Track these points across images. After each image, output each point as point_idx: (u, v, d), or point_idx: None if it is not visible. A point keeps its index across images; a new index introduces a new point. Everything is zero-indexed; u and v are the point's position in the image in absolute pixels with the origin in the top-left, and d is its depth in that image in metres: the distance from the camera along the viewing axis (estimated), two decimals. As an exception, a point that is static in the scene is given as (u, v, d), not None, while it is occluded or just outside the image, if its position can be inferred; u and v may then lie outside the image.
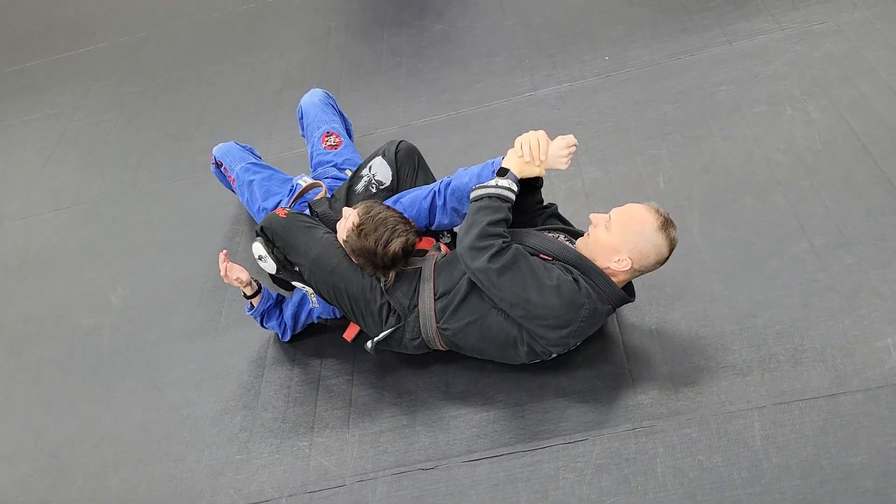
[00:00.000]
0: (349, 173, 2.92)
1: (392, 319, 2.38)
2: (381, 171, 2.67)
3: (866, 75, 2.98)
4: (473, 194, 2.27)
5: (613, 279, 2.22)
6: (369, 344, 2.41)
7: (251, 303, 2.65)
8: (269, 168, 3.03)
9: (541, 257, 2.23)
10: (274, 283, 2.65)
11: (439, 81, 3.76)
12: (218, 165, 3.12)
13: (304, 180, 2.91)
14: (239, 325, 2.85)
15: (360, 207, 2.44)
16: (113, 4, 5.43)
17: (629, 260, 2.16)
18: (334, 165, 3.00)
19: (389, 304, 2.37)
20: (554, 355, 2.31)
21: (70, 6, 5.59)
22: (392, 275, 2.37)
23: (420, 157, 2.72)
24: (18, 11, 5.75)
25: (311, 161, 3.10)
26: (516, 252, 2.15)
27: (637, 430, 2.19)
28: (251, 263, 2.97)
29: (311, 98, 3.21)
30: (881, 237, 2.44)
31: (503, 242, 2.16)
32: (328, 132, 3.07)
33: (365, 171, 2.68)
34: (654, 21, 3.65)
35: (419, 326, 2.35)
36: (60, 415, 2.80)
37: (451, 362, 2.49)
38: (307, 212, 2.71)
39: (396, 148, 2.67)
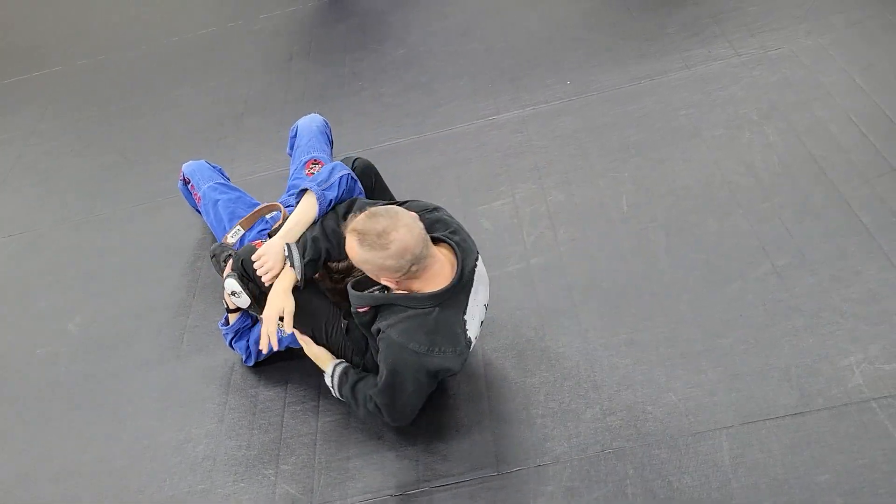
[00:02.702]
0: None
1: (357, 358, 2.38)
2: None
3: (822, 100, 3.06)
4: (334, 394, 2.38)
5: (415, 287, 2.14)
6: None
7: (227, 318, 2.60)
8: (237, 190, 2.99)
9: (358, 311, 2.21)
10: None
11: (402, 105, 3.76)
12: (185, 182, 3.08)
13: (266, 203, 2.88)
14: (201, 353, 2.79)
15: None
16: (70, 28, 5.35)
17: (388, 279, 2.11)
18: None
19: (352, 346, 2.37)
20: (477, 329, 2.27)
21: (25, 29, 5.50)
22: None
23: (377, 175, 2.66)
24: (-29, 35, 5.65)
25: (290, 180, 3.06)
26: (377, 399, 2.22)
27: (607, 451, 2.19)
28: (216, 288, 2.93)
29: (310, 123, 3.17)
30: (841, 257, 2.49)
31: (365, 396, 2.25)
32: (315, 160, 3.04)
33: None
34: (615, 47, 3.71)
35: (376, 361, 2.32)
36: (15, 449, 2.70)
37: (419, 387, 2.46)
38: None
39: (352, 164, 2.59)
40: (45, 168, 4.04)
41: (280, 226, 2.71)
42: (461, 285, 2.15)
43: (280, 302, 2.32)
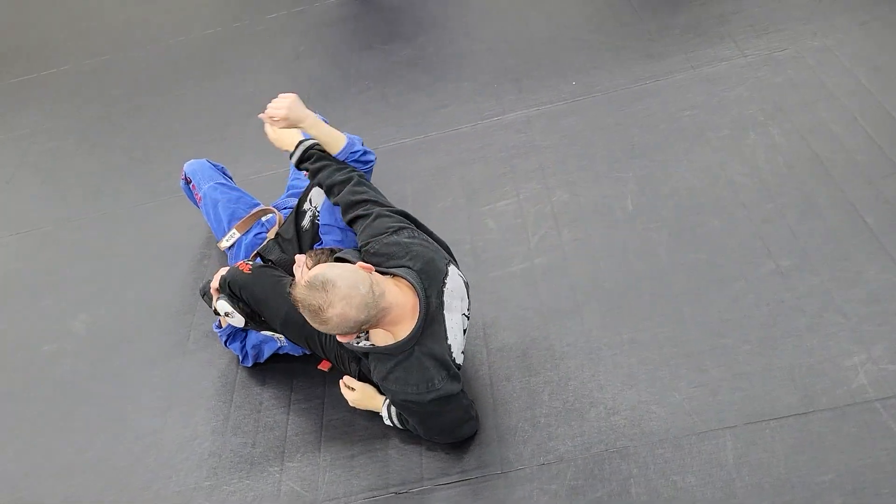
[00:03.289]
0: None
1: (353, 366, 2.38)
2: (320, 201, 2.64)
3: (827, 101, 3.06)
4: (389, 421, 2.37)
5: (392, 334, 2.11)
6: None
7: (220, 320, 2.61)
8: (238, 190, 3.01)
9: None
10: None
11: (407, 105, 3.77)
12: (187, 182, 3.09)
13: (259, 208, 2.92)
14: (207, 350, 2.81)
15: (308, 259, 2.35)
16: (76, 28, 5.37)
17: (347, 337, 2.09)
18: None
19: (348, 353, 2.37)
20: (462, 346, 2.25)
21: (32, 29, 5.51)
22: None
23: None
24: (-22, 34, 5.67)
25: (288, 181, 3.09)
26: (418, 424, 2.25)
27: (610, 451, 2.20)
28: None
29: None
30: (844, 258, 2.49)
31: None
32: None
33: (306, 205, 2.66)
34: (620, 47, 3.71)
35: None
36: (20, 446, 2.71)
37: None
38: (258, 260, 2.67)
39: None
40: (50, 167, 4.06)
41: (277, 229, 2.73)
42: (428, 322, 2.10)
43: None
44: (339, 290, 1.95)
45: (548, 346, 2.51)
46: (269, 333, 2.52)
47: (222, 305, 2.43)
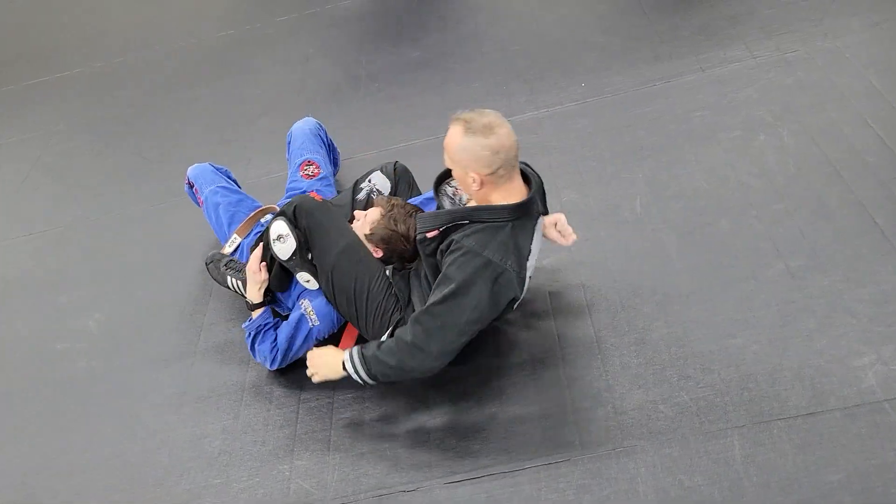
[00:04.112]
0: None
1: (396, 315, 2.40)
2: (380, 182, 2.78)
3: (837, 102, 3.05)
4: (365, 382, 2.32)
5: (493, 197, 2.22)
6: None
7: (250, 315, 2.62)
8: (240, 193, 3.02)
9: (427, 237, 2.27)
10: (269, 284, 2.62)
11: (417, 107, 3.79)
12: (190, 186, 3.11)
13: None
14: (217, 349, 2.83)
15: (382, 204, 2.53)
16: (88, 30, 5.42)
17: (477, 174, 2.17)
18: (303, 192, 3.01)
19: (396, 298, 2.40)
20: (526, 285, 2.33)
21: (44, 32, 5.57)
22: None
23: (412, 177, 2.86)
24: (-7, 37, 5.73)
25: (287, 183, 3.11)
26: (420, 326, 2.18)
27: (618, 450, 2.20)
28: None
29: (303, 125, 3.24)
30: (854, 258, 2.49)
31: (414, 344, 2.18)
32: (308, 161, 3.10)
33: (364, 184, 2.77)
34: (629, 49, 3.72)
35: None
36: (33, 442, 2.74)
37: (431, 384, 2.48)
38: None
39: (394, 165, 2.82)
40: (64, 168, 4.10)
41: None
42: (533, 205, 2.25)
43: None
44: (506, 122, 2.18)
45: (556, 345, 2.52)
46: (305, 280, 2.50)
47: (279, 227, 2.44)
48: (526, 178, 2.31)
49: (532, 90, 3.66)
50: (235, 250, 2.87)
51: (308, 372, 2.44)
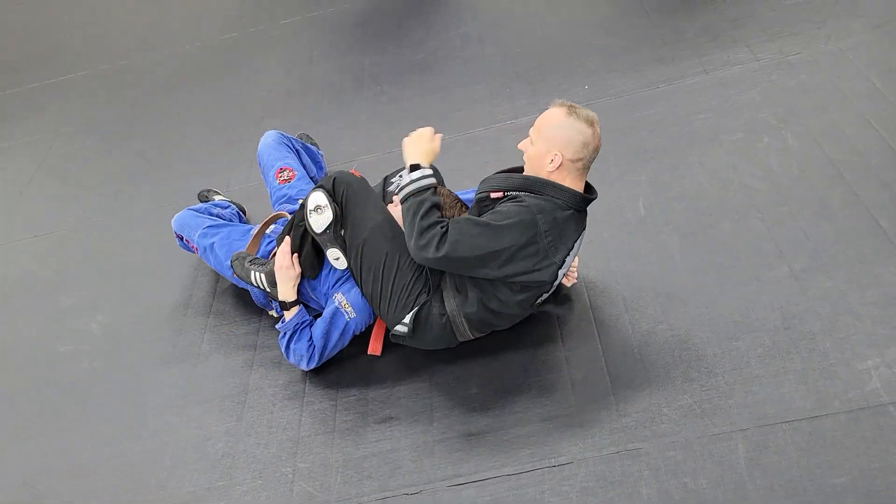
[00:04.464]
0: None
1: (423, 296, 2.40)
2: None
3: (840, 104, 3.05)
4: (400, 195, 2.37)
5: (564, 182, 2.30)
6: (402, 327, 2.42)
7: (283, 316, 2.60)
8: (226, 225, 2.99)
9: (491, 196, 2.34)
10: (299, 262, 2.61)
11: (420, 109, 3.79)
12: (181, 238, 3.07)
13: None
14: (221, 351, 2.83)
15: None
16: (93, 33, 5.43)
17: (559, 154, 2.27)
18: (289, 198, 3.01)
19: (425, 280, 2.40)
20: (556, 282, 2.38)
21: (49, 34, 5.58)
22: None
23: (441, 176, 2.78)
24: (-3, 39, 5.75)
25: (272, 199, 3.10)
26: (456, 227, 2.23)
27: (622, 452, 2.20)
28: (236, 289, 2.96)
29: (266, 140, 3.22)
30: (858, 261, 2.49)
31: (441, 227, 2.24)
32: (281, 168, 3.10)
33: (395, 178, 2.76)
34: (632, 51, 3.72)
35: (444, 302, 2.39)
36: (37, 443, 2.75)
37: (435, 386, 2.49)
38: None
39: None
40: (68, 169, 4.11)
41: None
42: (585, 210, 2.37)
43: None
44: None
45: (559, 347, 2.51)
46: (333, 255, 2.49)
47: (317, 197, 2.46)
48: (589, 188, 2.42)
49: (534, 92, 3.66)
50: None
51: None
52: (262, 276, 2.63)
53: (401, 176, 2.74)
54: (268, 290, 2.65)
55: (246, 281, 2.70)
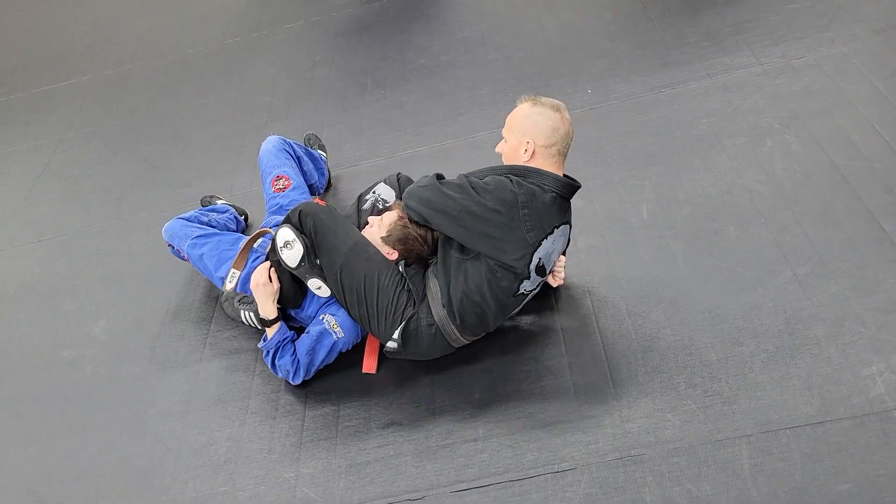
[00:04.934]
0: None
1: (409, 310, 2.40)
2: (385, 192, 2.78)
3: (844, 108, 3.04)
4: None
5: (542, 165, 2.36)
6: (392, 343, 2.43)
7: (265, 334, 2.59)
8: (215, 234, 2.96)
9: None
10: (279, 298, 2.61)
11: (423, 114, 3.79)
12: (172, 246, 3.06)
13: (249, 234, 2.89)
14: (224, 357, 2.83)
15: (398, 206, 2.56)
16: (97, 38, 5.44)
17: (531, 142, 2.34)
18: (281, 207, 3.01)
19: (409, 293, 2.41)
20: (536, 283, 2.41)
21: (54, 39, 5.59)
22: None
23: None
24: (2, 43, 5.75)
25: (266, 205, 3.10)
26: (452, 179, 2.37)
27: (625, 458, 2.19)
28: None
29: (266, 146, 3.22)
30: (863, 266, 2.48)
31: (439, 176, 2.42)
32: (277, 176, 3.09)
33: (369, 195, 2.78)
34: (635, 56, 3.72)
35: (431, 311, 2.39)
36: (40, 449, 2.75)
37: (438, 391, 2.48)
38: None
39: (397, 177, 2.81)
40: (72, 175, 4.11)
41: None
42: (571, 196, 2.40)
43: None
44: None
45: (562, 352, 2.51)
46: (315, 287, 2.51)
47: (284, 234, 2.46)
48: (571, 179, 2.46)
49: (537, 97, 3.65)
50: (237, 284, 2.83)
51: None
52: (252, 314, 2.61)
53: (374, 192, 2.76)
54: (258, 328, 2.64)
55: (237, 321, 2.69)
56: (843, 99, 3.09)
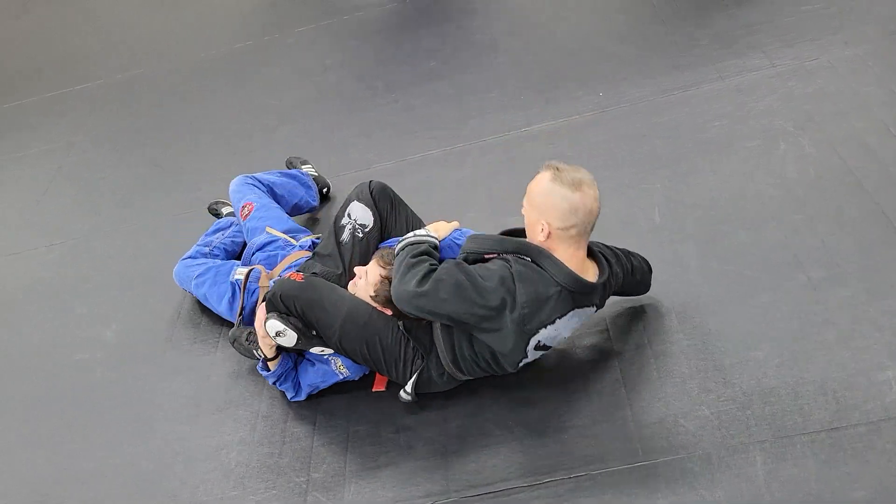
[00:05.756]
0: (271, 231, 2.93)
1: (418, 362, 2.36)
2: (360, 214, 2.67)
3: (859, 111, 3.02)
4: (399, 245, 2.33)
5: (556, 252, 2.19)
6: (406, 394, 2.39)
7: (267, 365, 2.55)
8: (211, 269, 2.93)
9: (485, 257, 2.26)
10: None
11: (434, 117, 3.78)
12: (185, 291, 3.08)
13: (240, 272, 2.85)
14: (234, 360, 2.82)
15: (378, 260, 2.45)
16: (108, 42, 5.46)
17: (546, 224, 2.16)
18: (252, 230, 2.99)
19: (415, 349, 2.35)
20: (539, 355, 2.33)
21: (66, 43, 5.62)
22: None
23: (393, 192, 2.74)
24: (14, 48, 5.78)
25: (245, 237, 3.08)
26: (445, 270, 2.18)
27: (638, 464, 2.17)
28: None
29: (231, 187, 3.16)
30: (877, 270, 2.45)
31: (430, 265, 2.22)
32: (243, 205, 3.07)
33: (345, 220, 2.67)
34: (646, 59, 3.70)
35: (440, 361, 2.34)
36: (49, 452, 2.75)
37: (449, 397, 2.47)
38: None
39: (369, 189, 2.69)
40: (83, 178, 4.13)
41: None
42: (593, 294, 2.24)
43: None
44: (595, 187, 2.20)
45: (573, 358, 2.50)
46: (318, 351, 2.46)
47: (273, 325, 2.35)
48: (597, 261, 2.30)
49: (548, 100, 3.65)
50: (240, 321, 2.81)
51: None
52: (261, 350, 2.59)
53: (348, 215, 2.67)
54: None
55: (250, 358, 2.67)
56: (858, 101, 3.07)
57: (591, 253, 2.32)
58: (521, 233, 2.34)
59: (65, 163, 4.29)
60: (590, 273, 2.26)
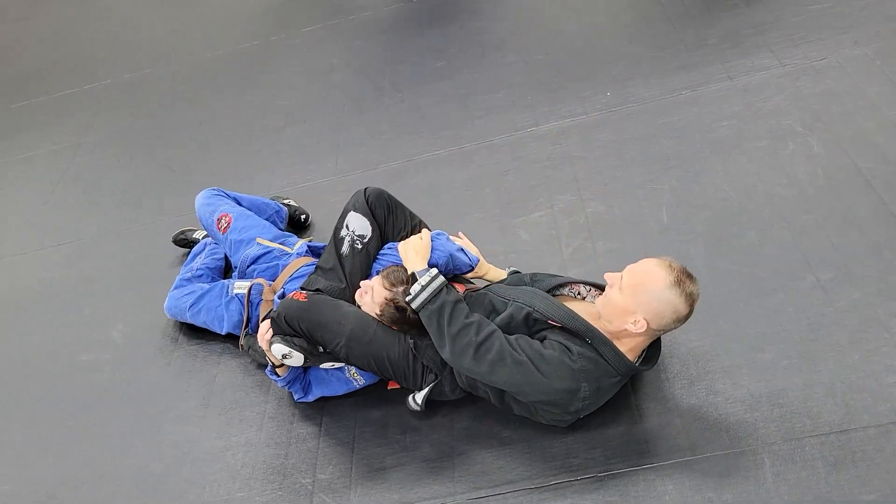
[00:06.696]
0: (262, 242, 2.91)
1: (430, 376, 2.35)
2: (358, 224, 2.64)
3: (868, 110, 3.00)
4: (415, 306, 2.27)
5: (630, 341, 2.14)
6: (415, 403, 2.38)
7: (276, 372, 2.54)
8: (202, 295, 2.90)
9: (550, 323, 2.17)
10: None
11: (441, 117, 3.78)
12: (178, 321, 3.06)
13: (240, 286, 2.84)
14: (241, 362, 2.83)
15: (384, 281, 2.41)
16: (116, 42, 5.47)
17: (644, 322, 2.06)
18: (235, 242, 2.95)
19: (423, 365, 2.34)
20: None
21: (74, 44, 5.63)
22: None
23: (390, 196, 2.70)
24: (23, 49, 5.80)
25: (226, 251, 3.05)
26: (500, 345, 2.12)
27: (645, 466, 2.16)
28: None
29: (198, 201, 3.11)
30: (887, 271, 2.44)
31: (476, 335, 2.14)
32: (218, 218, 3.02)
33: (343, 232, 2.64)
34: (654, 58, 3.68)
35: (455, 378, 2.32)
36: (58, 453, 2.76)
37: (455, 400, 2.46)
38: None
39: (365, 196, 2.66)
40: (91, 179, 4.13)
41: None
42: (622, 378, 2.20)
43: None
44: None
45: (581, 359, 2.48)
46: (329, 365, 2.46)
47: (278, 348, 2.35)
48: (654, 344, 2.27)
49: (556, 100, 3.63)
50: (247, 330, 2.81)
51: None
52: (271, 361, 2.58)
53: (346, 227, 2.64)
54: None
55: (265, 364, 2.66)
56: (867, 101, 3.05)
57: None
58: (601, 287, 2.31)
59: (72, 163, 4.30)
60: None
